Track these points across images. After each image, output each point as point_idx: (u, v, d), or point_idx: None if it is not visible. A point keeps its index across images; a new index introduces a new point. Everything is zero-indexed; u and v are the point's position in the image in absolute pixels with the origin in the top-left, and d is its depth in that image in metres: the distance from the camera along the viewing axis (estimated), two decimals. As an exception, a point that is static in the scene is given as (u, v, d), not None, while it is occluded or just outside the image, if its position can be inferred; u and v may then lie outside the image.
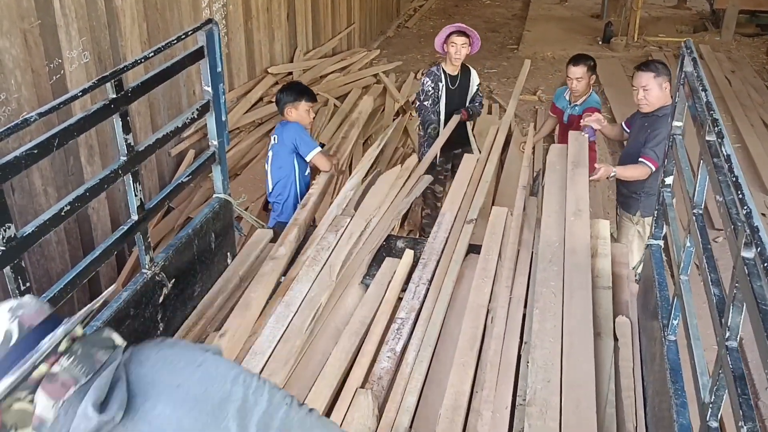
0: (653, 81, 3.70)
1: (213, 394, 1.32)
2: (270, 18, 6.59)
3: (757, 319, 1.34)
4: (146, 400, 1.28)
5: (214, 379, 1.35)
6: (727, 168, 1.69)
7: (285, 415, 1.36)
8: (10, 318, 1.26)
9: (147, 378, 1.31)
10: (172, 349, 1.40)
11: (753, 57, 9.23)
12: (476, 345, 2.65)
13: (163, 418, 1.27)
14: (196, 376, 1.34)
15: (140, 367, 1.33)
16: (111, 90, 2.35)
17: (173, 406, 1.29)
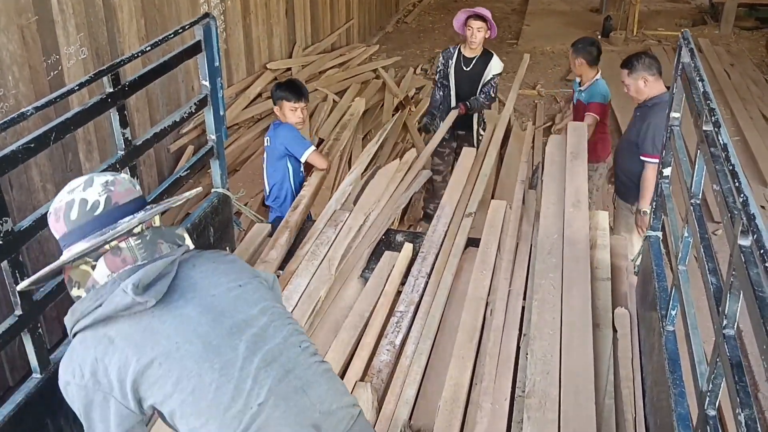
0: (628, 78, 3.88)
1: (238, 314, 1.44)
2: (268, 13, 6.58)
3: (754, 306, 1.34)
4: (181, 298, 1.41)
5: (246, 301, 1.47)
6: (723, 157, 1.69)
7: (294, 356, 1.46)
8: (101, 191, 1.44)
9: (192, 280, 1.45)
10: (226, 264, 1.52)
11: (752, 50, 9.21)
12: (475, 337, 2.65)
13: (185, 317, 1.39)
14: (232, 293, 1.46)
15: (191, 270, 1.46)
16: (108, 84, 2.35)
17: (200, 310, 1.41)
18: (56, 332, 3.58)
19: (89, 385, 1.38)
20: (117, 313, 1.37)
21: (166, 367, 1.36)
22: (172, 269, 1.42)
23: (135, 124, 4.49)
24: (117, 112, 2.41)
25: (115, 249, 1.42)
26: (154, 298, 1.37)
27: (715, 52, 8.68)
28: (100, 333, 1.38)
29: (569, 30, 10.32)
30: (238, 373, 1.38)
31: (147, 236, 1.45)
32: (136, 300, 1.35)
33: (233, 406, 1.36)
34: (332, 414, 1.45)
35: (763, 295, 1.34)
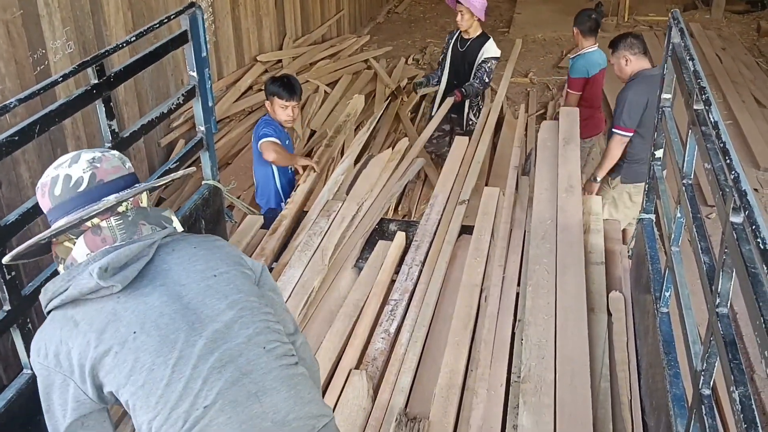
0: (612, 57, 4.02)
1: (204, 307, 1.38)
2: (257, 5, 6.53)
3: (747, 283, 1.33)
4: (149, 284, 1.37)
5: (216, 293, 1.40)
6: (714, 135, 1.67)
7: (254, 357, 1.38)
8: (86, 167, 1.41)
9: (165, 266, 1.40)
10: (207, 250, 1.46)
11: (743, 34, 9.20)
12: (470, 324, 2.64)
13: (148, 306, 1.35)
14: (203, 284, 1.40)
15: (168, 254, 1.41)
16: (93, 75, 2.32)
17: (164, 300, 1.36)
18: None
19: (51, 365, 1.36)
20: (83, 296, 1.34)
21: (122, 357, 1.32)
22: (148, 252, 1.38)
23: (124, 118, 4.46)
24: (103, 104, 2.39)
25: (96, 228, 1.39)
26: (120, 283, 1.33)
27: (707, 37, 8.67)
28: (68, 314, 1.36)
29: (560, 17, 10.28)
30: (190, 371, 1.32)
31: (129, 217, 1.41)
32: (100, 284, 1.32)
33: (180, 405, 1.31)
34: (286, 424, 1.36)
35: (756, 272, 1.33)
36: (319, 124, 5.96)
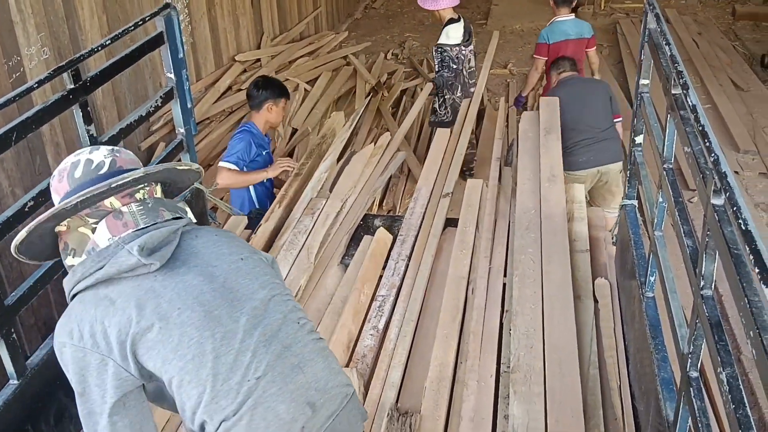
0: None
1: (239, 286, 1.45)
2: (234, 4, 6.49)
3: (730, 264, 1.35)
4: (183, 265, 1.42)
5: (248, 274, 1.47)
6: (693, 118, 1.68)
7: (292, 332, 1.46)
8: (107, 154, 1.48)
9: (194, 249, 1.45)
10: (227, 238, 1.54)
11: (718, 18, 9.28)
12: (458, 316, 2.65)
13: (188, 284, 1.40)
14: (234, 266, 1.47)
15: (193, 240, 1.47)
16: (69, 80, 2.29)
17: (202, 278, 1.42)
18: (35, 340, 3.53)
19: (87, 346, 1.36)
20: (120, 275, 1.37)
21: (167, 332, 1.35)
22: (174, 238, 1.43)
23: (103, 123, 4.41)
24: (80, 109, 2.36)
25: (117, 212, 1.42)
26: (158, 261, 1.38)
27: (683, 22, 8.74)
28: (101, 294, 1.37)
29: (538, 8, 10.30)
30: (238, 344, 1.38)
31: (149, 204, 1.45)
32: (141, 261, 1.35)
33: (231, 377, 1.36)
34: (327, 392, 1.45)
35: (739, 253, 1.34)
36: (300, 122, 5.94)
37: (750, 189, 5.25)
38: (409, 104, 6.66)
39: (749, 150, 5.62)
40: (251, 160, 3.70)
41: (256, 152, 3.70)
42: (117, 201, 1.43)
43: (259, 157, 3.74)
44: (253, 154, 3.69)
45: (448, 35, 4.89)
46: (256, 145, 3.70)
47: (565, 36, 4.96)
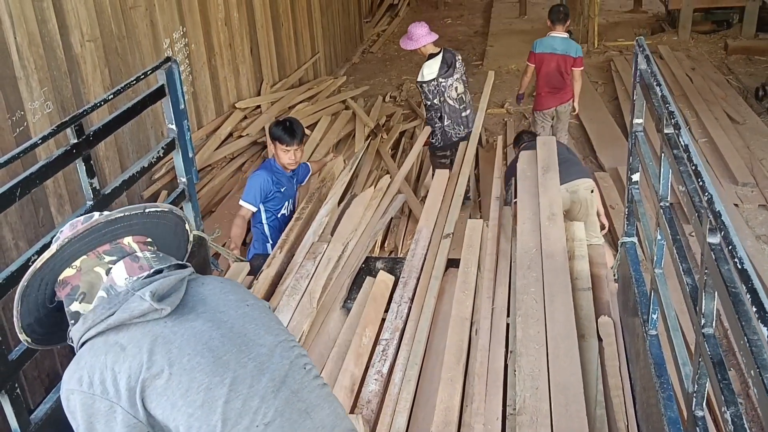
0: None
1: (246, 332, 1.47)
2: (233, 54, 6.61)
3: (728, 302, 1.35)
4: (192, 311, 1.45)
5: (254, 320, 1.50)
6: (686, 157, 1.71)
7: (299, 377, 1.47)
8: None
9: (201, 296, 1.49)
10: (231, 285, 1.58)
11: (711, 53, 9.41)
12: (462, 358, 2.64)
13: (197, 330, 1.42)
14: (240, 311, 1.50)
15: (200, 287, 1.51)
16: (72, 135, 2.33)
17: (210, 324, 1.44)
18: (38, 393, 3.51)
19: (97, 393, 1.36)
20: (132, 320, 1.39)
21: (176, 378, 1.36)
22: (182, 285, 1.47)
23: (105, 173, 4.46)
24: (83, 162, 2.39)
25: (134, 256, 1.48)
26: (169, 306, 1.41)
27: (676, 58, 8.86)
28: (111, 340, 1.39)
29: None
30: (246, 390, 1.39)
31: (160, 253, 1.53)
32: (154, 306, 1.38)
33: (240, 422, 1.36)
34: None
35: (736, 291, 1.35)
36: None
37: (751, 221, 5.26)
38: (408, 146, 6.73)
39: (748, 182, 5.65)
40: (267, 199, 3.84)
41: (272, 191, 3.84)
42: (134, 243, 1.50)
43: (276, 195, 3.88)
44: (269, 193, 3.84)
45: (423, 73, 5.27)
46: (273, 182, 3.83)
47: (552, 50, 5.77)
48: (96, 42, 4.42)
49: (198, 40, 5.93)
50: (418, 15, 13.41)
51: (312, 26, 8.73)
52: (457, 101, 5.30)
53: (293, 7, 8.09)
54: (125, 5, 4.78)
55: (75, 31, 4.21)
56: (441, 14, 13.15)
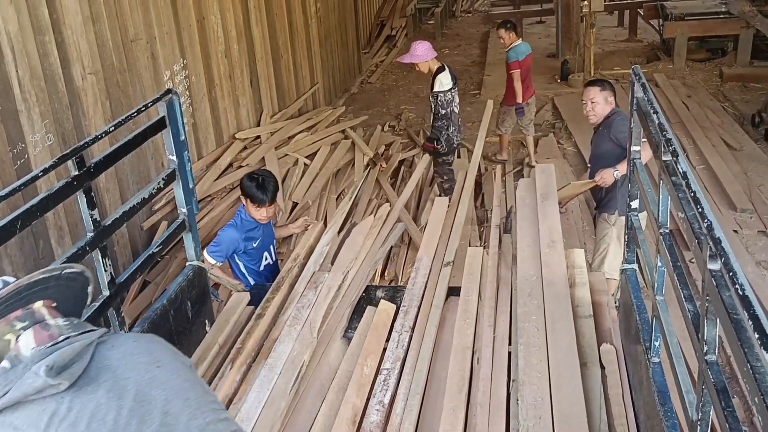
0: (600, 94, 4.21)
1: (152, 399, 1.35)
2: (233, 85, 6.68)
3: (730, 329, 1.35)
4: (93, 382, 1.33)
5: (162, 384, 1.38)
6: (684, 185, 1.72)
7: None
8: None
9: (107, 362, 1.37)
10: (146, 344, 1.46)
11: (707, 80, 9.50)
12: (464, 388, 2.62)
13: (95, 404, 1.31)
14: (147, 375, 1.38)
15: (108, 351, 1.39)
16: (73, 167, 2.35)
17: (111, 396, 1.33)
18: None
19: None
20: (27, 398, 1.29)
21: None
22: (88, 351, 1.36)
23: (105, 204, 4.47)
24: (84, 194, 2.40)
25: (45, 324, 1.36)
26: (67, 380, 1.30)
27: (672, 86, 8.94)
28: (7, 421, 1.29)
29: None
30: None
31: (74, 321, 1.41)
32: (49, 382, 1.28)
33: None
34: None
35: (738, 318, 1.34)
36: (300, 196, 6.01)
37: (750, 247, 5.26)
38: (407, 174, 6.75)
39: (746, 208, 5.66)
40: (244, 251, 3.70)
41: (243, 248, 3.67)
42: (44, 308, 1.38)
43: (250, 252, 3.71)
44: (239, 251, 3.67)
45: (442, 82, 5.69)
46: (243, 239, 3.65)
47: (525, 54, 7.07)
48: (97, 75, 4.47)
49: (198, 72, 5.99)
50: (416, 46, 13.58)
51: (311, 58, 8.83)
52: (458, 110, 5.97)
53: (293, 39, 8.19)
54: (126, 38, 4.84)
55: (76, 64, 4.26)
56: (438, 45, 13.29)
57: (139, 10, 5.02)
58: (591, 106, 4.24)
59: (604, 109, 4.19)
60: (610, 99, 4.22)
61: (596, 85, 4.30)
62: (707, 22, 10.19)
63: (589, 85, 4.40)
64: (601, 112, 4.20)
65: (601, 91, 4.21)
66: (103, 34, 4.56)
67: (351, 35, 10.97)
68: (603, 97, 4.19)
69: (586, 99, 4.28)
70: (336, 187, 6.35)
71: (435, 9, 14.70)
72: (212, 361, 3.03)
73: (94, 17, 4.45)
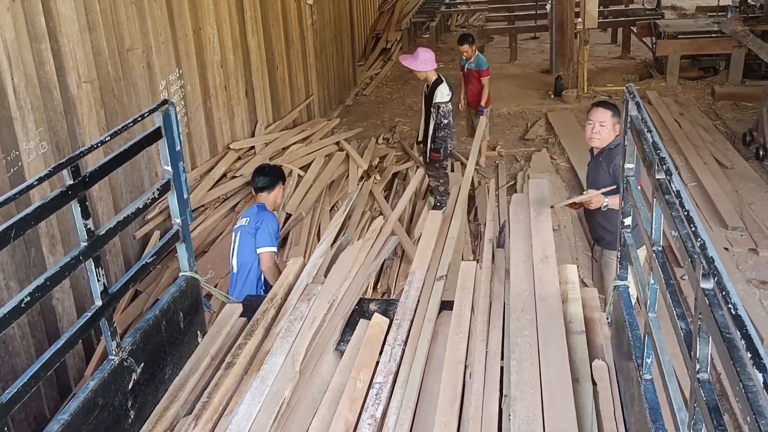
0: (611, 119, 3.95)
1: None
2: (228, 95, 6.69)
3: (723, 348, 1.35)
4: None
5: None
6: (678, 203, 1.73)
7: None
8: None
9: None
10: None
11: (699, 99, 9.58)
12: (456, 402, 2.61)
13: None
14: None
15: None
16: (68, 176, 2.34)
17: None
18: (24, 435, 3.44)
19: None
20: None
21: None
22: None
23: (98, 213, 4.46)
24: (78, 204, 2.39)
25: None
26: None
27: (664, 103, 9.02)
28: None
29: (523, 91, 10.68)
30: None
31: None
32: None
33: None
34: None
35: (731, 337, 1.35)
36: (294, 207, 6.01)
37: (741, 265, 5.29)
38: (401, 187, 6.76)
39: (737, 226, 5.70)
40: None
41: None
42: None
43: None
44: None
45: (443, 93, 5.92)
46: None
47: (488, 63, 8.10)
48: (93, 83, 4.47)
49: (194, 82, 6.00)
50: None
51: (306, 69, 8.86)
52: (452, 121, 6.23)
53: (288, 50, 8.22)
54: (122, 47, 4.85)
55: (72, 72, 4.26)
56: (433, 58, 13.39)
57: (136, 20, 5.03)
58: (598, 129, 3.99)
59: (609, 135, 3.98)
60: (618, 126, 3.96)
61: (608, 108, 4.03)
62: (700, 40, 10.31)
63: (600, 106, 4.08)
64: (607, 138, 3.99)
65: (612, 116, 3.98)
66: (100, 42, 4.56)
67: (346, 47, 11.02)
68: (612, 123, 3.96)
69: (594, 120, 4.00)
70: (330, 199, 6.35)
71: (430, 23, 14.81)
72: (204, 372, 3.01)
73: (90, 26, 4.45)
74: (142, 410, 2.77)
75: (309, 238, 5.54)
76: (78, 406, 2.40)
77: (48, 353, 2.32)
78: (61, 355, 2.38)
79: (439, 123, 5.96)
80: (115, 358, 2.65)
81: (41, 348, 3.79)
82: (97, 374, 2.59)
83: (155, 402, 2.85)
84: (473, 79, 7.93)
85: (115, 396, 2.62)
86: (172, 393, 2.88)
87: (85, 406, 2.43)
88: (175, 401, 2.82)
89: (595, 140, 4.02)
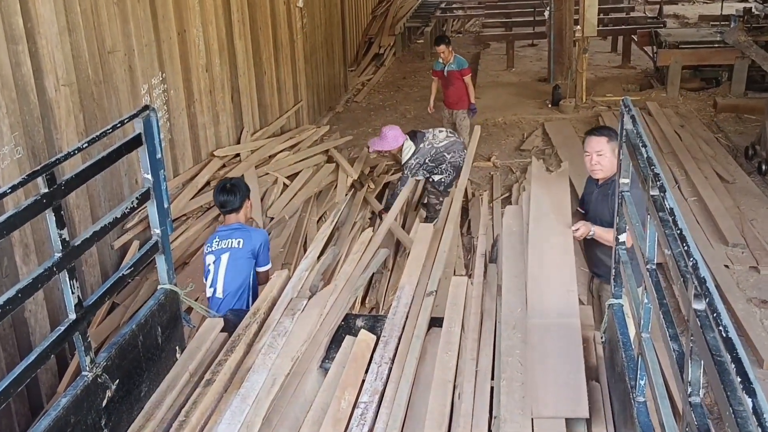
0: (607, 146, 3.57)
1: None
2: (213, 100, 6.57)
3: (713, 371, 1.31)
4: None
5: None
6: (671, 221, 1.67)
7: None
8: None
9: None
10: None
11: (700, 110, 9.38)
12: (444, 424, 2.53)
13: None
14: None
15: None
16: (43, 184, 2.24)
17: None
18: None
19: None
20: None
21: None
22: None
23: (75, 222, 4.33)
24: (53, 213, 2.30)
25: None
26: None
27: (665, 115, 8.85)
28: None
29: (520, 100, 10.57)
30: None
31: None
32: None
33: None
34: None
35: (722, 360, 1.30)
36: (277, 211, 5.91)
37: (741, 283, 5.18)
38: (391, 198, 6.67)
39: (738, 243, 5.56)
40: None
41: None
42: None
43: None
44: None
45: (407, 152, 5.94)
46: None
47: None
48: (71, 87, 4.34)
49: (177, 86, 5.88)
50: (404, 65, 13.60)
51: (295, 74, 8.76)
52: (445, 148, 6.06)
53: (277, 54, 8.11)
54: (103, 50, 4.73)
55: (50, 75, 4.14)
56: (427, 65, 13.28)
57: (118, 21, 4.91)
58: (597, 160, 3.60)
59: (612, 163, 3.51)
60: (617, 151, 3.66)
61: (603, 134, 3.63)
62: (702, 51, 10.12)
63: (593, 134, 3.68)
64: (609, 166, 3.55)
65: (609, 142, 3.54)
66: (80, 44, 4.44)
67: (338, 52, 10.93)
68: (611, 149, 3.51)
69: (591, 151, 3.62)
70: (317, 209, 6.24)
71: (425, 28, 14.69)
72: (182, 389, 2.90)
73: (70, 27, 4.33)
74: (116, 429, 2.68)
75: (296, 247, 5.44)
76: (49, 423, 2.33)
77: (19, 368, 2.25)
78: (33, 370, 2.31)
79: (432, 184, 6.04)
80: (88, 374, 2.55)
81: (12, 362, 3.65)
82: (70, 391, 2.50)
83: (130, 420, 2.75)
84: (455, 80, 7.82)
85: (88, 414, 2.52)
86: (148, 411, 2.78)
87: (57, 424, 2.36)
88: (151, 420, 2.72)
89: (598, 172, 3.65)
